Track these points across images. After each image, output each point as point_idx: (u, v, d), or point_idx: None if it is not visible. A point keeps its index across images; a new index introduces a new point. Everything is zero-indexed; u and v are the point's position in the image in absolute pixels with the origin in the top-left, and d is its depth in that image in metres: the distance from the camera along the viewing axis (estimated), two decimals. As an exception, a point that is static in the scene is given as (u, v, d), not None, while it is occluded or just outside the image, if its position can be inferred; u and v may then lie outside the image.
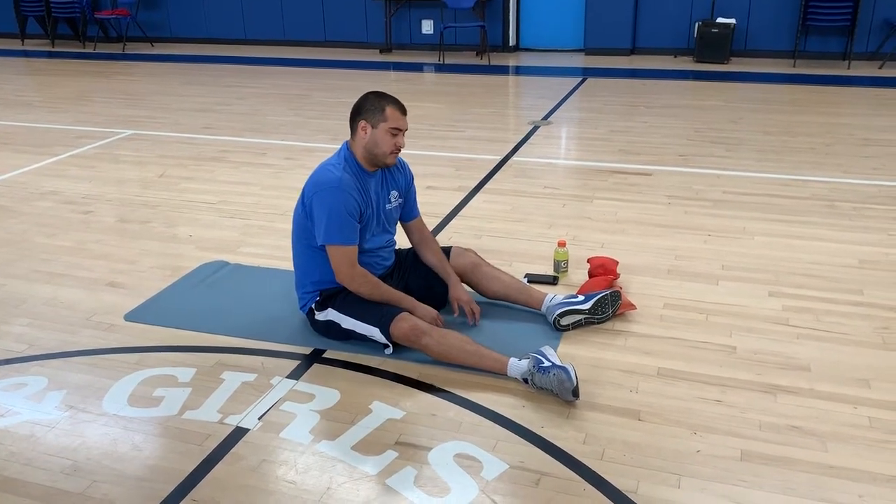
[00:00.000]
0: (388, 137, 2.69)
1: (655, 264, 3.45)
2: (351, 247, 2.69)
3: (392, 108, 2.69)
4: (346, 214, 2.65)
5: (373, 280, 2.75)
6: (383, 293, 2.75)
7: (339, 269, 2.71)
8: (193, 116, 6.66)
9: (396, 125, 2.69)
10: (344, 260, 2.69)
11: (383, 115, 2.68)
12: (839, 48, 8.61)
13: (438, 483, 2.11)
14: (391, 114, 2.68)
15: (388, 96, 2.73)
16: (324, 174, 2.71)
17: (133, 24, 10.85)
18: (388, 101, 2.71)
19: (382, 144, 2.69)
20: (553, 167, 5.06)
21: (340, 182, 2.66)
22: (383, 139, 2.69)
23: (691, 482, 2.09)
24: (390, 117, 2.68)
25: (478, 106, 6.93)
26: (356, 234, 2.70)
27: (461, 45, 9.90)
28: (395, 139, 2.70)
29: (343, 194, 2.65)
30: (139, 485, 2.12)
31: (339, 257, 2.69)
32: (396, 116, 2.69)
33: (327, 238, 2.67)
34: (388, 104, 2.70)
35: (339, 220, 2.64)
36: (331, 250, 2.69)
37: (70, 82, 8.43)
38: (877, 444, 2.23)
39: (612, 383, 2.55)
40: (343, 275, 2.71)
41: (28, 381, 2.63)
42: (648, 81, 7.88)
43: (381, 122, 2.67)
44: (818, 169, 4.82)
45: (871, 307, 3.03)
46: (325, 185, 2.67)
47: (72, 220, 4.16)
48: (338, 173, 2.68)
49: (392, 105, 2.70)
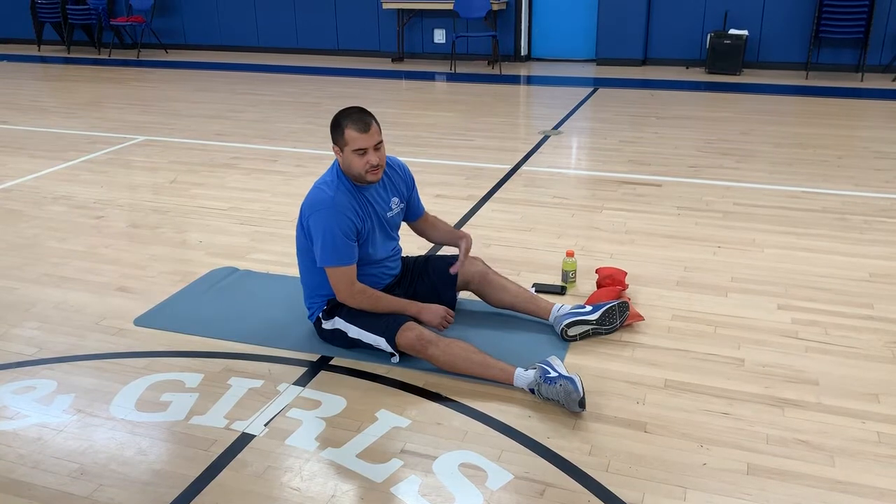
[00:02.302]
0: (357, 158, 2.59)
1: (664, 275, 3.44)
2: (348, 267, 2.67)
3: (350, 128, 2.57)
4: (341, 235, 2.62)
5: (373, 294, 2.74)
6: (386, 305, 2.75)
7: (339, 289, 2.70)
8: (205, 123, 6.71)
9: (358, 146, 2.57)
10: (343, 279, 2.68)
11: (344, 139, 2.59)
12: (852, 60, 8.58)
13: (443, 492, 2.10)
14: (349, 135, 2.57)
15: (349, 114, 2.60)
16: (317, 194, 2.68)
17: (148, 31, 10.95)
18: (348, 120, 2.59)
19: (354, 166, 2.61)
20: (563, 177, 5.06)
21: (334, 202, 2.63)
22: (352, 161, 2.60)
23: (697, 495, 2.08)
24: (349, 139, 2.58)
25: (488, 115, 6.95)
26: (353, 254, 2.68)
27: (473, 54, 9.94)
28: (364, 158, 2.59)
29: (337, 215, 2.62)
30: (145, 489, 2.13)
31: (337, 278, 2.68)
32: (355, 137, 2.57)
33: (323, 261, 2.67)
34: (347, 125, 2.58)
35: (333, 242, 2.62)
36: (329, 272, 2.69)
37: (85, 88, 8.51)
38: (885, 460, 2.21)
39: (618, 395, 2.54)
40: (343, 293, 2.71)
41: (37, 385, 2.65)
42: (659, 92, 7.88)
43: (345, 146, 2.60)
44: (830, 181, 4.80)
45: (881, 321, 3.01)
46: (319, 205, 2.65)
47: (83, 225, 4.19)
48: (330, 192, 2.65)
49: (351, 125, 2.57)
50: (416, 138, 6.07)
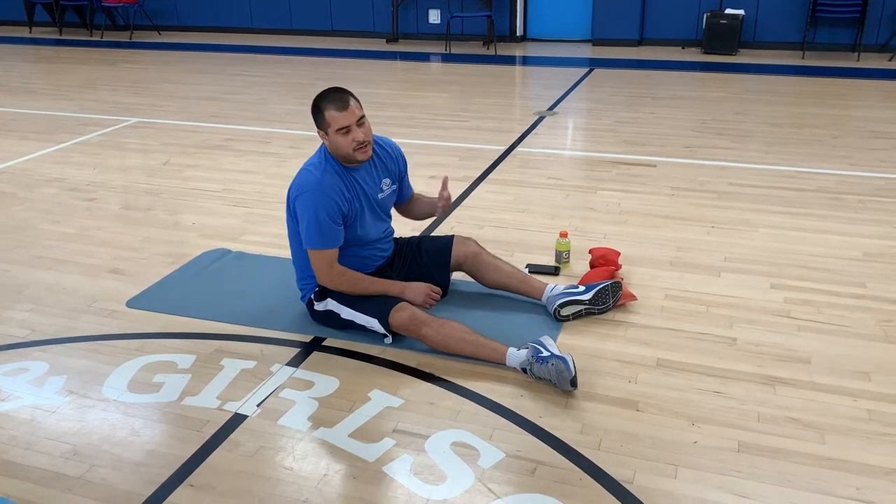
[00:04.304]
0: (342, 138, 2.58)
1: (658, 255, 3.44)
2: (330, 250, 2.67)
3: (329, 109, 2.57)
4: (326, 218, 2.61)
5: (354, 276, 2.74)
6: (368, 286, 2.75)
7: (319, 272, 2.71)
8: (199, 105, 6.66)
9: (340, 125, 2.56)
10: (323, 262, 2.68)
11: (325, 121, 2.59)
12: (849, 40, 8.54)
13: (435, 471, 2.11)
14: (330, 116, 2.57)
15: (326, 96, 2.61)
16: (305, 177, 2.68)
17: (140, 13, 10.84)
18: (326, 101, 2.59)
19: (341, 146, 2.61)
20: (558, 158, 5.05)
21: (320, 184, 2.62)
22: (338, 142, 2.60)
23: (688, 473, 2.09)
24: (330, 120, 2.57)
25: (483, 96, 6.91)
26: (337, 238, 2.67)
27: (468, 34, 9.87)
28: (350, 136, 2.58)
29: (323, 197, 2.61)
30: (137, 469, 2.13)
31: (318, 261, 2.68)
32: (336, 117, 2.56)
33: (308, 242, 2.67)
34: (326, 106, 2.58)
35: (318, 225, 2.62)
36: (311, 254, 2.69)
37: (76, 70, 8.44)
38: (876, 437, 2.22)
39: (610, 374, 2.55)
40: (323, 276, 2.71)
41: (29, 367, 2.65)
42: (655, 72, 7.84)
43: (328, 127, 2.60)
44: (825, 161, 4.79)
45: (873, 300, 3.01)
46: (305, 187, 2.64)
47: (75, 207, 4.17)
48: (317, 174, 2.65)
49: (329, 106, 2.58)
50: (409, 119, 6.04)
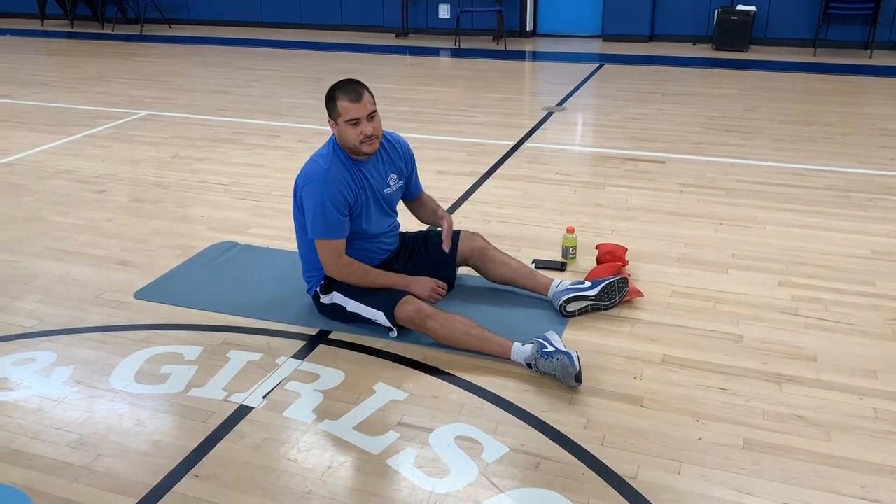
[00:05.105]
0: (350, 129, 2.60)
1: (665, 252, 3.43)
2: (337, 241, 2.68)
3: (343, 99, 2.59)
4: (331, 208, 2.62)
5: (361, 267, 2.75)
6: (374, 278, 2.76)
7: (326, 262, 2.71)
8: (208, 98, 6.68)
9: (351, 116, 2.58)
10: (330, 252, 2.69)
11: (337, 110, 2.61)
12: (861, 37, 8.48)
13: (438, 464, 2.11)
14: (342, 106, 2.59)
15: (341, 86, 2.62)
16: (312, 167, 2.69)
17: (151, 6, 10.88)
18: (340, 91, 2.60)
19: (348, 137, 2.62)
20: (566, 153, 5.03)
21: (326, 175, 2.63)
22: (347, 132, 2.61)
23: (692, 469, 2.08)
24: (342, 110, 2.59)
25: (492, 91, 6.90)
26: (342, 228, 2.68)
27: (478, 29, 9.85)
28: (358, 128, 2.59)
29: (329, 187, 2.62)
30: (143, 460, 2.15)
31: (325, 250, 2.69)
32: (347, 107, 2.58)
33: (314, 233, 2.67)
34: (339, 96, 2.60)
35: (323, 215, 2.63)
36: (318, 244, 2.69)
37: (87, 63, 8.48)
38: (881, 435, 2.21)
39: (615, 370, 2.54)
40: (330, 267, 2.72)
41: (37, 357, 2.67)
42: (665, 69, 7.81)
43: (339, 117, 2.61)
44: (834, 159, 4.76)
45: (882, 298, 3.00)
46: (312, 177, 2.66)
47: (85, 199, 4.20)
48: (325, 165, 2.66)
49: (343, 96, 2.59)
50: (418, 114, 6.03)
